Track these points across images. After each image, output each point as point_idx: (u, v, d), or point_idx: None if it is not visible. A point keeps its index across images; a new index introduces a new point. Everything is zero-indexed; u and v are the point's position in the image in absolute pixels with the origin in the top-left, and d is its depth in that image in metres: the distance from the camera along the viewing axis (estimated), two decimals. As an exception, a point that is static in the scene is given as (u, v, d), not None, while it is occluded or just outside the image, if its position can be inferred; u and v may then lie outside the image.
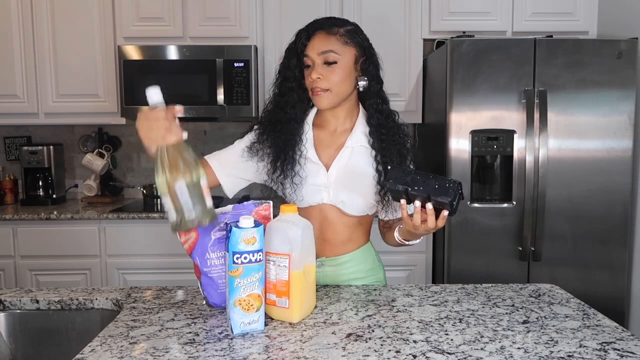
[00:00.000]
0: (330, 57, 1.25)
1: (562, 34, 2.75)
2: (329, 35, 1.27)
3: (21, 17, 2.79)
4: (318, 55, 1.26)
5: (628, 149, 2.39)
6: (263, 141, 1.33)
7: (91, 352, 0.95)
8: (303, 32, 1.29)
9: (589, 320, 1.09)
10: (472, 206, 2.42)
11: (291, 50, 1.30)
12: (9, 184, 3.00)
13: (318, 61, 1.26)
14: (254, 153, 1.33)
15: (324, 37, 1.26)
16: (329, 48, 1.25)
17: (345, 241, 1.36)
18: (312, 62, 1.27)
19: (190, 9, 2.79)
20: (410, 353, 0.93)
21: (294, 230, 1.07)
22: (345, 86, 1.28)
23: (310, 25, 1.30)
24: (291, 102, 1.30)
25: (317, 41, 1.26)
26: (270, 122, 1.33)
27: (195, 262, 1.16)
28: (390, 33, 2.83)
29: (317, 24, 1.29)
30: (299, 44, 1.28)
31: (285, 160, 1.29)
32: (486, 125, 2.39)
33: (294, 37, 1.32)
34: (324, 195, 1.31)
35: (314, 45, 1.26)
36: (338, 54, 1.26)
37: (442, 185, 1.05)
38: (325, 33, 1.27)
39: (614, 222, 2.41)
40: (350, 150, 1.32)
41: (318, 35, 1.27)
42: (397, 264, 2.62)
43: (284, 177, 1.30)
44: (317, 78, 1.25)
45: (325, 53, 1.25)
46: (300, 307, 1.08)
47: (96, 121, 2.93)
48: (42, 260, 2.62)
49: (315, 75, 1.25)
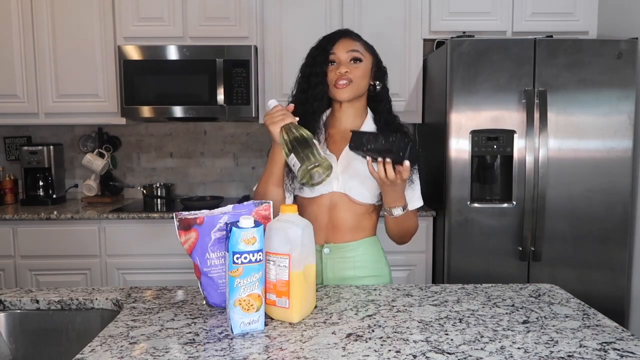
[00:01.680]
0: (357, 55, 1.41)
1: (562, 34, 2.75)
2: (354, 40, 1.44)
3: (21, 17, 2.79)
4: (346, 53, 1.40)
5: (628, 149, 2.39)
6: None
7: (91, 352, 0.95)
8: (329, 37, 1.45)
9: (589, 320, 1.09)
10: (472, 206, 2.42)
11: (315, 51, 1.44)
12: (9, 184, 3.00)
13: (345, 58, 1.41)
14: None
15: (350, 41, 1.43)
16: (356, 48, 1.42)
17: (354, 228, 1.44)
18: (339, 60, 1.41)
19: (190, 9, 2.79)
20: (410, 353, 0.93)
21: (294, 230, 1.07)
22: (364, 83, 1.43)
23: (334, 32, 1.47)
24: (318, 96, 1.42)
25: (344, 43, 1.42)
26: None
27: (195, 262, 1.16)
28: (390, 33, 2.83)
29: (342, 32, 1.46)
30: (327, 45, 1.42)
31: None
32: (486, 125, 2.39)
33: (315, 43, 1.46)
34: (333, 184, 1.40)
35: (342, 45, 1.42)
36: (362, 54, 1.42)
37: (388, 142, 1.23)
38: (351, 38, 1.44)
39: (614, 222, 2.41)
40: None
41: (344, 39, 1.43)
42: (397, 264, 2.62)
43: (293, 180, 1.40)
44: (346, 71, 1.39)
45: (353, 51, 1.41)
46: (300, 307, 1.08)
47: (96, 121, 2.93)
48: (42, 260, 2.62)
49: (344, 68, 1.39)
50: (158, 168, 3.22)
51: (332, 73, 1.40)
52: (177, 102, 2.75)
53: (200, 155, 3.21)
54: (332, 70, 1.40)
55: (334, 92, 1.41)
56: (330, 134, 1.47)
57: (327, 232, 1.43)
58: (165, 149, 3.22)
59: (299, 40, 2.78)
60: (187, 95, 2.76)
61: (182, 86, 2.76)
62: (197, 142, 3.20)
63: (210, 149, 3.18)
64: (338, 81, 1.39)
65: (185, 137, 3.20)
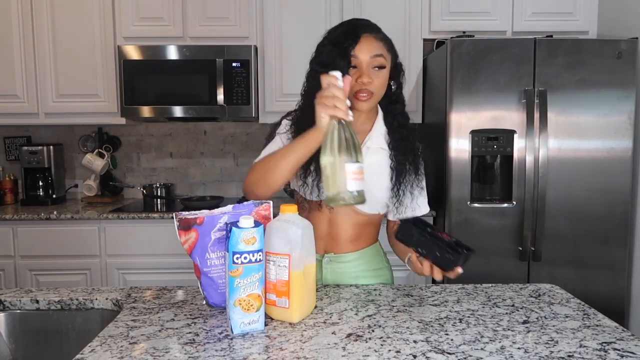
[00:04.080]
0: (382, 62, 1.25)
1: (562, 34, 2.75)
2: (377, 40, 1.25)
3: (21, 17, 2.79)
4: (370, 58, 1.23)
5: (628, 149, 2.39)
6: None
7: (91, 352, 0.95)
8: (348, 32, 1.25)
9: (589, 320, 1.09)
10: (472, 206, 2.42)
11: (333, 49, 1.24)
12: (9, 184, 3.00)
13: (367, 64, 1.24)
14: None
15: (374, 41, 1.25)
16: (380, 52, 1.25)
17: (355, 239, 1.38)
18: (360, 65, 1.24)
19: (190, 9, 2.79)
20: (410, 353, 0.93)
21: (294, 230, 1.07)
22: (383, 91, 1.29)
23: (355, 26, 1.27)
24: None
25: (368, 44, 1.24)
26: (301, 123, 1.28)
27: (195, 262, 1.16)
28: (390, 33, 2.79)
29: (364, 26, 1.26)
30: (348, 45, 1.22)
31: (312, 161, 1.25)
32: (486, 125, 2.39)
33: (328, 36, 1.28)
34: None
35: (365, 47, 1.23)
36: (386, 59, 1.26)
37: (442, 255, 1.11)
38: (374, 37, 1.25)
39: (614, 222, 2.41)
40: (366, 150, 1.33)
41: (367, 37, 1.24)
42: (398, 264, 2.60)
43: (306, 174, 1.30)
44: (368, 81, 1.23)
45: (378, 57, 1.24)
46: (300, 307, 1.08)
47: (96, 121, 2.93)
48: (42, 260, 2.62)
49: (367, 79, 1.23)
50: (158, 168, 3.22)
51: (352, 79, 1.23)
52: (177, 102, 2.75)
53: (200, 155, 3.21)
54: (352, 75, 1.23)
55: (352, 101, 1.23)
56: None
57: (327, 242, 1.37)
58: (165, 149, 3.21)
59: (299, 40, 2.79)
60: (187, 95, 2.76)
61: (182, 86, 2.76)
62: (197, 142, 3.20)
63: (210, 149, 3.18)
64: (360, 93, 1.23)
65: (185, 137, 3.20)
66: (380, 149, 1.34)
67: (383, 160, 1.34)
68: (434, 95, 2.70)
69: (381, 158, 1.34)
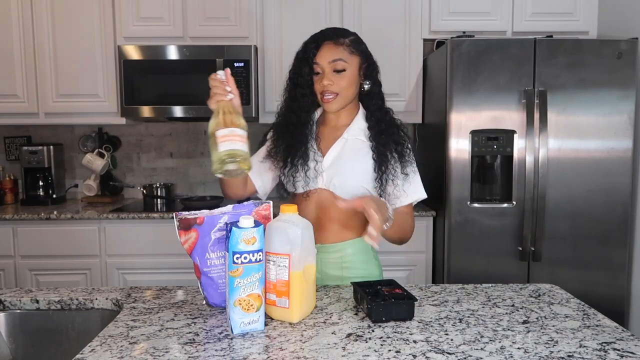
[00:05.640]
0: (339, 65, 1.36)
1: (562, 34, 2.75)
2: (337, 45, 1.37)
3: (21, 17, 2.79)
4: (328, 64, 1.36)
5: (628, 149, 2.39)
6: (279, 146, 1.44)
7: (91, 352, 0.95)
8: (311, 42, 1.39)
9: (589, 320, 1.09)
10: (472, 206, 2.42)
11: (301, 59, 1.40)
12: (9, 184, 3.00)
13: (328, 69, 1.36)
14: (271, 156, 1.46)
15: (332, 47, 1.37)
16: (338, 57, 1.36)
17: (341, 228, 1.42)
18: (322, 70, 1.37)
19: (190, 9, 2.79)
20: (410, 353, 0.93)
21: (294, 230, 1.07)
22: (351, 90, 1.40)
23: (317, 36, 1.40)
24: (305, 107, 1.40)
25: (326, 51, 1.37)
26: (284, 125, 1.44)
27: (195, 262, 1.16)
28: (390, 33, 2.83)
29: (324, 35, 1.40)
30: (309, 54, 1.37)
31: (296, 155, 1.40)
32: (486, 125, 2.39)
33: (301, 46, 1.42)
34: (318, 180, 1.40)
35: (324, 54, 1.37)
36: (346, 62, 1.37)
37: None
38: (333, 43, 1.37)
39: (614, 222, 2.41)
40: (345, 140, 1.43)
41: (326, 45, 1.37)
42: (397, 264, 2.62)
43: (295, 170, 1.40)
44: (328, 84, 1.35)
45: (335, 61, 1.36)
46: (300, 307, 1.08)
47: (96, 121, 2.93)
48: (42, 260, 2.62)
49: (327, 81, 1.35)
50: (158, 168, 3.22)
51: (317, 84, 1.38)
52: (177, 102, 2.75)
53: (200, 155, 3.21)
54: (317, 81, 1.38)
55: (321, 103, 1.40)
56: (320, 131, 1.47)
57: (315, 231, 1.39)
58: (165, 149, 3.21)
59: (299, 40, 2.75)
60: (187, 95, 2.76)
61: (182, 86, 2.76)
62: (197, 142, 3.20)
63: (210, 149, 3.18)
64: (324, 95, 1.37)
65: (185, 137, 3.20)
66: (359, 140, 1.42)
67: (363, 151, 1.41)
68: (434, 95, 2.70)
69: (361, 149, 1.41)
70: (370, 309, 1.08)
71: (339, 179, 1.39)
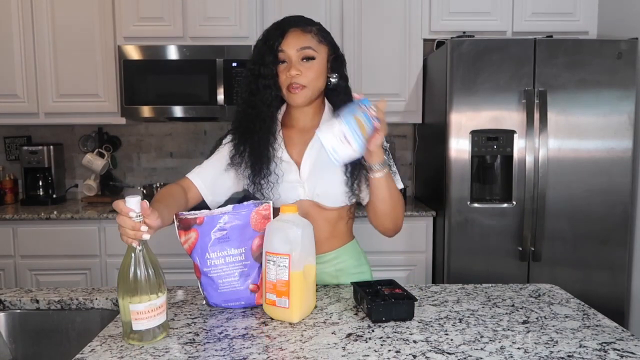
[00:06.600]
0: (309, 53, 1.26)
1: (562, 34, 2.75)
2: (304, 32, 1.27)
3: (21, 17, 2.79)
4: (297, 52, 1.25)
5: (628, 149, 2.39)
6: (241, 151, 1.32)
7: (91, 352, 0.95)
8: (275, 29, 1.28)
9: (589, 320, 1.09)
10: (472, 206, 2.42)
11: (263, 47, 1.28)
12: (9, 183, 3.00)
13: (295, 57, 1.25)
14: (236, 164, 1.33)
15: (300, 34, 1.27)
16: (308, 44, 1.26)
17: (329, 237, 1.36)
18: (289, 59, 1.26)
19: (190, 9, 2.79)
20: (410, 353, 0.93)
21: (294, 230, 1.07)
22: (319, 82, 1.29)
23: (282, 22, 1.30)
24: (267, 101, 1.27)
25: (294, 38, 1.26)
26: (243, 125, 1.32)
27: (195, 262, 1.16)
28: (390, 33, 2.82)
29: (290, 22, 1.29)
30: (274, 41, 1.26)
31: (261, 159, 1.29)
32: (486, 126, 2.39)
33: (262, 35, 1.31)
34: (300, 192, 1.32)
35: (291, 42, 1.26)
36: (315, 50, 1.27)
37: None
38: (301, 30, 1.27)
39: (614, 222, 2.41)
40: (317, 144, 1.30)
41: (293, 32, 1.27)
42: (397, 264, 2.62)
43: (260, 176, 1.29)
44: (297, 74, 1.24)
45: (305, 49, 1.25)
46: (300, 307, 1.08)
47: (96, 121, 2.93)
48: (42, 260, 2.62)
49: (295, 71, 1.24)
50: (158, 168, 3.22)
51: (282, 75, 1.26)
52: (177, 102, 2.75)
53: (200, 155, 3.21)
54: (282, 71, 1.26)
55: (287, 96, 1.28)
56: (287, 135, 1.35)
57: None
58: (165, 149, 3.22)
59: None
60: (187, 95, 2.76)
61: (182, 86, 2.76)
62: (197, 142, 3.20)
63: (210, 149, 3.17)
64: (291, 86, 1.25)
65: (185, 137, 3.21)
66: None
67: None
68: (434, 96, 2.70)
69: None
70: (370, 309, 1.08)
71: (321, 189, 1.30)
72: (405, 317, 1.10)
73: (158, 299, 0.99)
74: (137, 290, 0.96)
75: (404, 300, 1.10)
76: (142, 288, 0.97)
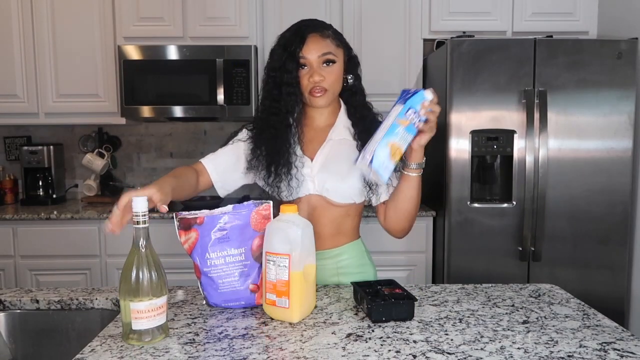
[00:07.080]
0: (330, 58, 1.30)
1: (562, 34, 2.75)
2: (324, 37, 1.31)
3: (21, 17, 2.79)
4: (318, 57, 1.29)
5: (628, 149, 2.39)
6: (258, 155, 1.35)
7: (91, 352, 0.95)
8: (294, 35, 1.30)
9: (589, 320, 1.09)
10: (472, 206, 2.42)
11: (283, 53, 1.30)
12: (9, 183, 3.00)
13: (317, 63, 1.29)
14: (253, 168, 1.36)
15: (320, 39, 1.30)
16: (328, 49, 1.30)
17: (335, 234, 1.38)
18: (310, 64, 1.29)
19: (190, 9, 2.79)
20: (410, 353, 0.93)
21: (294, 230, 1.07)
22: (339, 85, 1.34)
23: (300, 28, 1.32)
24: (290, 108, 1.32)
25: (315, 43, 1.29)
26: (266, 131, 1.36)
27: (195, 262, 1.16)
28: (390, 33, 2.82)
29: (308, 27, 1.32)
30: (296, 47, 1.28)
31: (279, 164, 1.32)
32: (486, 126, 2.39)
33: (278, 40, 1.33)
34: (309, 186, 1.34)
35: (312, 47, 1.29)
36: (335, 54, 1.31)
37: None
38: (320, 35, 1.30)
39: (614, 222, 2.41)
40: (332, 142, 1.36)
41: (313, 37, 1.30)
42: (397, 264, 2.62)
43: (279, 180, 1.32)
44: (320, 79, 1.28)
45: (326, 54, 1.29)
46: (300, 307, 1.08)
47: (96, 121, 2.93)
48: (42, 260, 2.62)
49: (318, 77, 1.28)
50: (158, 168, 3.22)
51: (304, 79, 1.30)
52: (177, 102, 2.75)
53: (200, 155, 3.18)
54: (304, 75, 1.30)
55: (309, 99, 1.32)
56: (303, 132, 1.38)
57: None
58: (165, 149, 3.21)
59: (299, 40, 2.78)
60: (187, 95, 2.76)
61: (182, 86, 2.76)
62: (197, 142, 3.20)
63: (210, 149, 3.13)
64: (314, 90, 1.29)
65: (185, 137, 3.20)
66: (345, 140, 1.36)
67: (349, 150, 1.35)
68: (434, 95, 2.70)
69: (347, 149, 1.35)
70: (370, 309, 1.08)
71: (331, 184, 1.33)
72: (405, 317, 1.10)
73: (159, 299, 0.99)
74: (138, 291, 0.97)
75: (404, 300, 1.10)
76: (144, 290, 0.97)
